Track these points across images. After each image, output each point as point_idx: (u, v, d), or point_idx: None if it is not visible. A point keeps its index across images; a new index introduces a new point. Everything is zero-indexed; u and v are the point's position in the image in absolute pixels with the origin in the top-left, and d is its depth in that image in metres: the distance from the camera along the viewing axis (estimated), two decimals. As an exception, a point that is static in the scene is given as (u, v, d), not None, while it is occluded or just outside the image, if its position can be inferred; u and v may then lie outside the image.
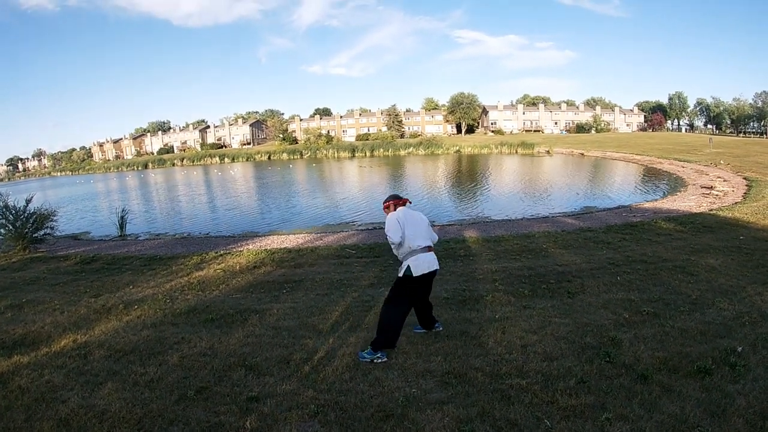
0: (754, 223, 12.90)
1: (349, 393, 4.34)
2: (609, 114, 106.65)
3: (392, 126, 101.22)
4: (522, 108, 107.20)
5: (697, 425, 3.65)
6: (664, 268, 8.65)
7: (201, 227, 18.83)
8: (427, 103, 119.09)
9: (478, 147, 70.23)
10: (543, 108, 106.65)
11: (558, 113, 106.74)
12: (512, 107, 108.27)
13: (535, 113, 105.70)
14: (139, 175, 66.94)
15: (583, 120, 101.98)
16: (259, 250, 12.22)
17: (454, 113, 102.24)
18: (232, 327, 6.37)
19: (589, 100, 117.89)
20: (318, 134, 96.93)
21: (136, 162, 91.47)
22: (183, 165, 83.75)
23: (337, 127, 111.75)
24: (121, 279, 9.83)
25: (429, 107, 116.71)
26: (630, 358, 4.84)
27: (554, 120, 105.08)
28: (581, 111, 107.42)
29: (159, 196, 33.77)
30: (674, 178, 28.24)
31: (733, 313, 6.16)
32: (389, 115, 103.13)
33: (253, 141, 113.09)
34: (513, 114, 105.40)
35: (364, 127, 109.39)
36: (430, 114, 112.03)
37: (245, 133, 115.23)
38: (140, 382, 4.73)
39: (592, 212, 17.64)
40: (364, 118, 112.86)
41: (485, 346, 5.32)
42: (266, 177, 45.22)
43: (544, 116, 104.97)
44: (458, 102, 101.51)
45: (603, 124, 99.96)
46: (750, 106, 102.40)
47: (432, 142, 76.37)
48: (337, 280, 8.85)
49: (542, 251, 10.59)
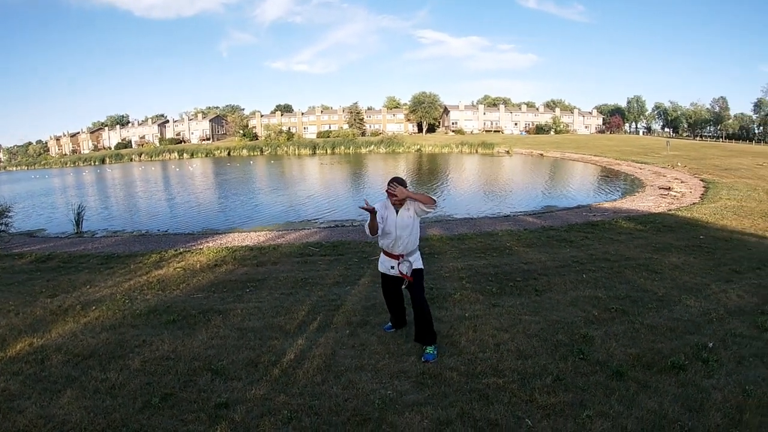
0: (712, 223, 13.33)
1: (322, 397, 4.19)
2: (568, 116, 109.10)
3: (354, 124, 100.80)
4: (483, 108, 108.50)
5: (677, 420, 3.67)
6: (628, 266, 8.80)
7: (159, 224, 18.27)
8: (389, 101, 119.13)
9: (439, 146, 70.79)
10: (503, 109, 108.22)
11: (518, 114, 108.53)
12: (473, 108, 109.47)
13: (496, 114, 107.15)
14: (96, 170, 64.58)
15: (543, 121, 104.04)
16: (219, 248, 11.89)
17: (416, 112, 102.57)
18: (195, 328, 6.10)
19: (549, 102, 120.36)
20: (279, 131, 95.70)
21: (93, 157, 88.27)
22: (141, 160, 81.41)
23: (298, 124, 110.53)
24: (78, 278, 9.37)
25: (391, 106, 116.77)
26: (603, 354, 4.85)
27: (514, 121, 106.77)
28: (541, 113, 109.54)
29: (116, 193, 32.68)
30: (632, 179, 29.05)
31: (699, 309, 6.30)
32: (351, 113, 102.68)
33: (212, 137, 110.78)
34: (474, 114, 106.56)
35: (326, 124, 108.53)
36: (392, 112, 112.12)
37: (205, 129, 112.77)
38: (101, 389, 4.45)
39: (553, 211, 17.95)
40: (326, 115, 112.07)
41: (458, 345, 5.24)
42: (226, 173, 44.41)
43: (505, 117, 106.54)
44: (420, 101, 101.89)
45: (562, 125, 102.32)
46: (707, 110, 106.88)
47: (393, 141, 76.64)
48: (302, 279, 8.65)
49: (506, 249, 10.65)
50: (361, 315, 6.36)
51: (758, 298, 6.79)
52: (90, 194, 32.17)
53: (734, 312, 6.22)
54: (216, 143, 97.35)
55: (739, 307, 6.45)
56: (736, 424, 3.63)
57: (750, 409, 3.81)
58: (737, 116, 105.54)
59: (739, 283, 7.59)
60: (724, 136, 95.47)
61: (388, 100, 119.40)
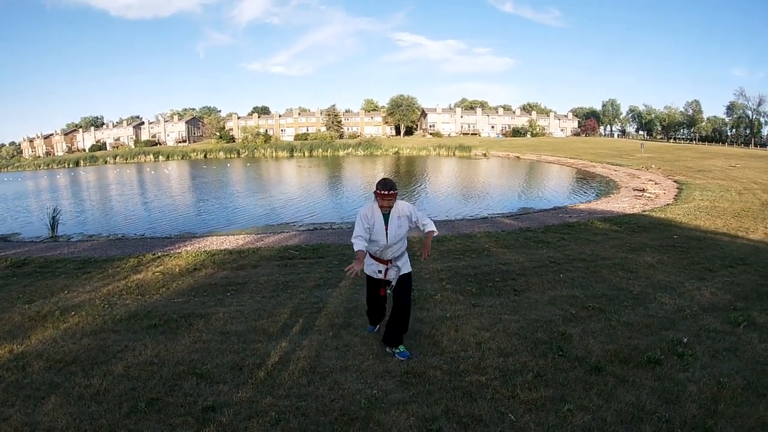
0: (686, 223, 13.69)
1: (308, 398, 4.23)
2: (544, 119, 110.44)
3: (331, 126, 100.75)
4: (460, 111, 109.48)
5: (654, 412, 3.82)
6: (604, 265, 9.01)
7: (136, 228, 17.98)
8: (367, 104, 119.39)
9: (417, 149, 71.05)
10: (480, 112, 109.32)
11: (495, 117, 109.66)
12: (450, 110, 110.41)
13: (473, 117, 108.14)
14: (71, 173, 63.12)
15: (519, 124, 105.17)
16: (198, 252, 11.79)
17: (394, 115, 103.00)
18: (178, 333, 6.07)
19: (526, 105, 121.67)
20: (256, 133, 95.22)
21: (67, 159, 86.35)
22: (116, 163, 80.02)
23: (275, 126, 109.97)
24: (55, 283, 9.21)
25: (368, 108, 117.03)
26: (582, 351, 5.00)
27: (491, 124, 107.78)
28: (517, 116, 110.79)
29: (91, 196, 32.07)
30: (607, 181, 29.59)
31: (674, 306, 6.51)
32: (329, 115, 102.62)
33: (189, 139, 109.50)
34: (451, 117, 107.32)
35: (303, 126, 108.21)
36: (370, 115, 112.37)
37: (181, 131, 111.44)
38: (85, 395, 4.41)
39: (530, 213, 18.20)
40: (303, 117, 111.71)
41: (440, 345, 5.33)
42: (203, 176, 43.91)
43: (482, 120, 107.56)
44: (398, 104, 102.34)
45: (538, 128, 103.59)
46: (681, 113, 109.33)
47: (371, 143, 76.70)
48: (283, 282, 8.65)
49: (485, 251, 10.79)
50: (343, 317, 6.41)
51: (731, 295, 7.04)
52: (65, 197, 31.53)
53: (708, 308, 6.45)
54: (192, 145, 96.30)
55: (713, 303, 6.68)
56: (711, 414, 3.79)
57: (724, 400, 3.98)
58: (710, 119, 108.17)
59: (712, 280, 7.85)
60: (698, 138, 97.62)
61: (366, 103, 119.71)
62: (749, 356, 4.86)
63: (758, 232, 12.10)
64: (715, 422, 3.67)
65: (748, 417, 3.74)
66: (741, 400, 3.99)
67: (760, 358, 4.82)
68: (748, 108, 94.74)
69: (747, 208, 16.07)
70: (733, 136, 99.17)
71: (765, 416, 3.74)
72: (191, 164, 64.98)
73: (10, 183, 51.06)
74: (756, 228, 12.65)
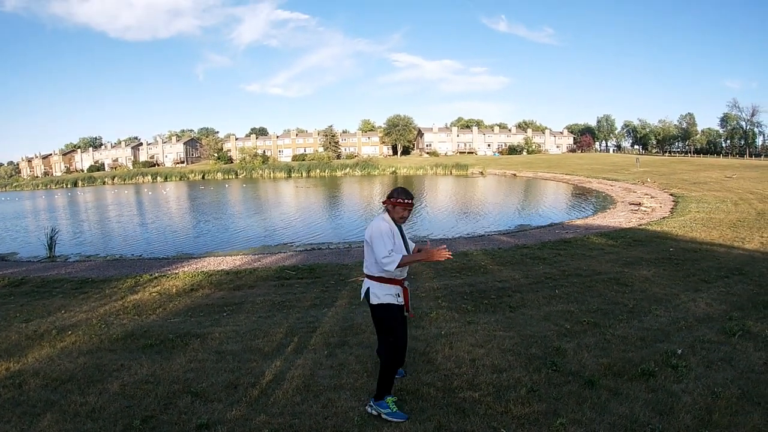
0: (682, 235, 13.75)
1: (302, 416, 4.23)
2: (540, 136, 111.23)
3: (329, 147, 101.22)
4: (456, 130, 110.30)
5: (648, 423, 3.83)
6: (599, 280, 9.04)
7: (133, 249, 18.03)
8: (364, 124, 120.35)
9: (414, 168, 71.43)
10: (476, 130, 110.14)
11: (491, 135, 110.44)
12: (447, 129, 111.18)
13: (469, 135, 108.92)
14: (69, 193, 63.34)
15: (515, 142, 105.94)
16: (195, 273, 11.82)
17: (390, 135, 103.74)
18: (173, 352, 6.08)
19: (521, 123, 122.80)
20: (254, 154, 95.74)
21: (65, 179, 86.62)
22: (114, 183, 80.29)
23: (273, 147, 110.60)
24: (53, 303, 9.22)
25: (365, 129, 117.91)
26: (575, 365, 5.01)
27: (487, 142, 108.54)
28: (513, 133, 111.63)
29: (89, 216, 32.10)
30: (604, 196, 29.74)
31: (669, 319, 6.54)
32: (326, 136, 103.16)
33: (187, 159, 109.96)
34: (447, 136, 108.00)
35: (301, 147, 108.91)
36: (367, 135, 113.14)
37: (179, 152, 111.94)
38: (81, 412, 4.42)
39: (527, 230, 18.29)
40: (301, 138, 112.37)
41: (434, 362, 5.34)
42: (201, 197, 44.01)
43: (478, 138, 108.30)
44: (394, 124, 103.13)
45: (534, 145, 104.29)
46: (675, 127, 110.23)
47: (368, 163, 77.23)
48: (279, 302, 8.67)
49: (481, 268, 10.82)
50: (338, 336, 6.42)
51: (726, 306, 7.07)
52: (62, 218, 31.58)
53: (703, 319, 6.48)
54: (190, 166, 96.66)
55: (708, 314, 6.71)
56: (705, 424, 3.80)
57: (719, 410, 3.99)
58: (704, 131, 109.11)
59: (707, 291, 7.89)
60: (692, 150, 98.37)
61: (363, 123, 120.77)
62: (744, 365, 4.87)
63: (754, 242, 12.16)
64: (709, 432, 3.67)
65: (743, 426, 3.75)
66: (736, 410, 3.99)
67: (755, 366, 4.84)
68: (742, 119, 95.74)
69: (743, 218, 16.16)
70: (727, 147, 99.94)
71: (760, 425, 3.75)
72: (189, 185, 65.14)
73: (8, 203, 51.16)
74: (752, 237, 12.71)
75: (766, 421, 3.79)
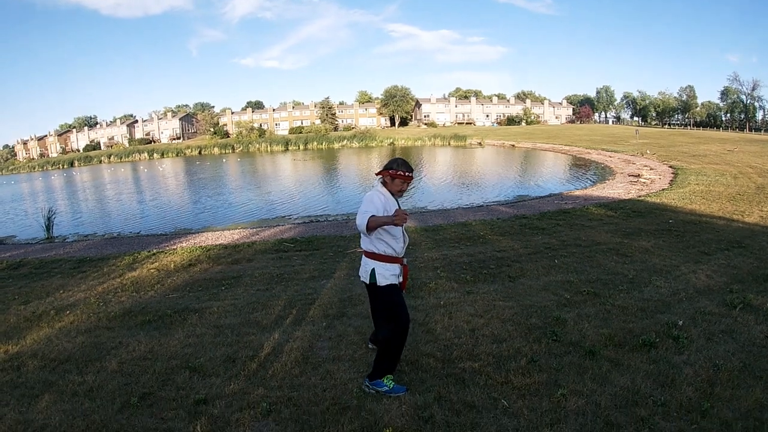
0: (681, 207, 13.68)
1: (301, 388, 4.21)
2: (539, 107, 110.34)
3: (326, 119, 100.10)
4: (454, 101, 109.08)
5: (650, 395, 3.80)
6: (598, 250, 9.00)
7: (131, 226, 17.95)
8: (361, 96, 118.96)
9: (412, 139, 70.83)
10: (475, 101, 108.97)
11: (489, 106, 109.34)
12: (445, 100, 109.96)
13: (467, 106, 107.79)
14: (65, 173, 62.81)
15: (514, 113, 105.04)
16: (193, 248, 11.77)
17: (388, 106, 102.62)
18: (171, 328, 6.06)
19: (520, 94, 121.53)
20: (250, 128, 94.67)
21: (61, 160, 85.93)
22: (111, 162, 79.64)
23: (269, 120, 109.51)
24: (51, 284, 9.18)
25: (363, 100, 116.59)
26: (576, 336, 4.98)
27: (486, 113, 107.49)
28: (512, 104, 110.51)
29: (86, 196, 31.94)
30: (603, 167, 29.56)
31: (669, 290, 6.49)
32: (323, 108, 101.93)
33: (183, 135, 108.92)
34: (445, 107, 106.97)
35: (297, 120, 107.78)
36: (364, 107, 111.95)
37: (175, 128, 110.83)
38: (79, 392, 4.40)
39: (526, 200, 18.22)
40: (297, 111, 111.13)
41: (434, 332, 5.32)
42: (198, 172, 43.77)
43: (476, 109, 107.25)
44: (392, 95, 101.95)
45: (533, 116, 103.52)
46: (675, 99, 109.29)
47: (366, 135, 76.54)
48: (277, 275, 8.63)
49: (480, 238, 10.78)
50: (337, 307, 6.39)
51: (727, 278, 7.02)
52: (60, 198, 31.41)
53: (703, 291, 6.43)
54: (187, 142, 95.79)
55: (708, 286, 6.66)
56: (707, 396, 3.77)
57: (721, 383, 3.96)
58: (704, 104, 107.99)
59: (707, 263, 7.82)
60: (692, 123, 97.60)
61: (360, 95, 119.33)
62: (745, 338, 4.83)
63: (754, 216, 12.08)
64: (711, 405, 3.64)
65: (744, 399, 3.72)
66: (737, 383, 3.96)
67: (757, 340, 4.79)
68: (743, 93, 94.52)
69: (742, 191, 16.05)
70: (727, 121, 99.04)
71: (762, 398, 3.72)
72: (186, 161, 64.71)
73: (5, 186, 50.91)
74: (752, 211, 12.63)
75: (768, 395, 3.75)
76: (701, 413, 3.55)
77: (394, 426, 3.53)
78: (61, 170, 73.33)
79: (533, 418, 3.60)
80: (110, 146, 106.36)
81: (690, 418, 3.51)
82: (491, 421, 3.58)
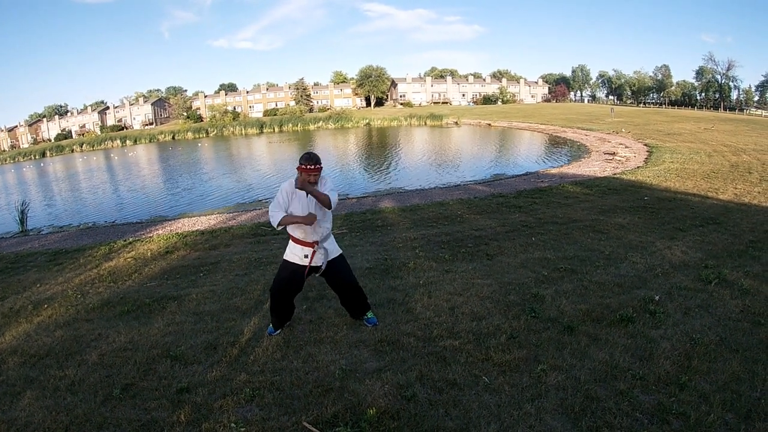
0: (656, 185, 13.92)
1: (283, 372, 4.22)
2: (515, 86, 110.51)
3: (301, 100, 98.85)
4: (430, 81, 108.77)
5: (628, 369, 3.89)
6: (575, 227, 9.14)
7: (106, 216, 17.70)
8: (336, 76, 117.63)
9: (388, 119, 70.39)
10: (451, 80, 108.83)
11: (465, 85, 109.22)
12: (421, 80, 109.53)
13: (443, 86, 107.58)
14: (38, 164, 61.07)
15: (490, 92, 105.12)
16: (170, 235, 11.67)
17: (363, 86, 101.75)
18: (151, 317, 6.00)
19: (496, 73, 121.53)
20: (224, 111, 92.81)
21: (33, 150, 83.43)
22: (83, 150, 77.75)
23: (243, 102, 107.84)
24: (27, 278, 8.99)
25: (338, 80, 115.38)
26: (554, 312, 5.07)
27: (462, 92, 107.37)
28: (488, 83, 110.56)
29: (59, 187, 31.17)
30: (578, 145, 29.87)
31: (645, 266, 6.63)
32: (297, 89, 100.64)
33: (155, 121, 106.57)
34: (421, 86, 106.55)
35: (272, 102, 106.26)
36: (339, 87, 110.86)
37: (147, 113, 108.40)
38: (61, 386, 4.33)
39: (502, 179, 18.39)
40: (272, 92, 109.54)
41: (414, 312, 5.36)
42: (171, 158, 43.09)
43: (452, 88, 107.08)
44: (367, 75, 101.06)
45: (509, 95, 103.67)
46: (650, 78, 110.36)
47: (341, 116, 75.84)
48: (256, 259, 8.60)
49: (458, 217, 10.87)
50: (317, 290, 6.36)
51: (702, 254, 7.19)
52: (33, 190, 30.64)
53: (679, 267, 6.58)
54: (159, 127, 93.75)
55: (684, 262, 6.82)
56: (684, 370, 3.87)
57: (698, 356, 4.07)
58: (680, 83, 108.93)
59: (683, 240, 8.01)
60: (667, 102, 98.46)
61: (335, 75, 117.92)
62: (721, 313, 4.95)
63: (728, 193, 12.34)
64: (689, 378, 3.73)
65: (721, 372, 3.82)
66: (714, 356, 4.06)
67: (732, 314, 4.91)
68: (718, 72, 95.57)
69: (717, 169, 16.36)
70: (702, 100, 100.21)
71: (738, 371, 3.82)
72: (159, 147, 63.49)
73: (-25, 180, 49.44)
74: (726, 189, 12.90)
75: (744, 368, 3.86)
76: (679, 386, 3.63)
77: (378, 406, 3.56)
78: (33, 161, 71.31)
79: (514, 393, 3.66)
80: (82, 134, 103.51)
81: (668, 390, 3.60)
82: (473, 398, 3.64)
